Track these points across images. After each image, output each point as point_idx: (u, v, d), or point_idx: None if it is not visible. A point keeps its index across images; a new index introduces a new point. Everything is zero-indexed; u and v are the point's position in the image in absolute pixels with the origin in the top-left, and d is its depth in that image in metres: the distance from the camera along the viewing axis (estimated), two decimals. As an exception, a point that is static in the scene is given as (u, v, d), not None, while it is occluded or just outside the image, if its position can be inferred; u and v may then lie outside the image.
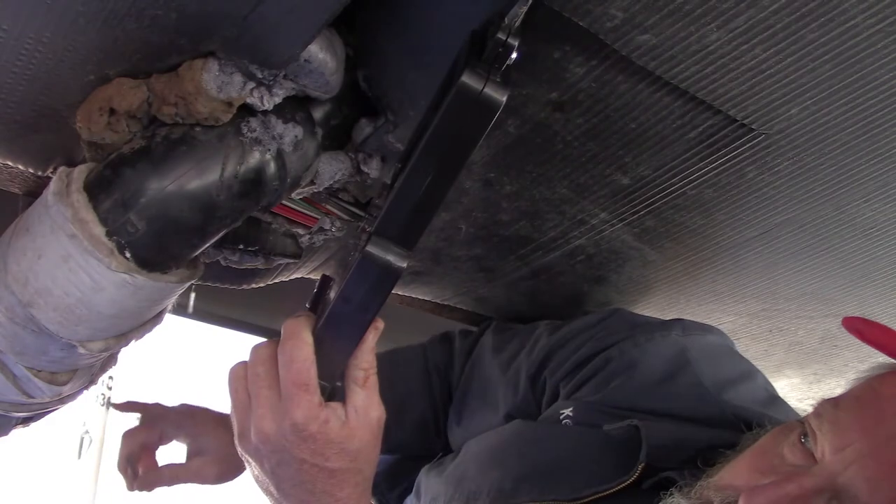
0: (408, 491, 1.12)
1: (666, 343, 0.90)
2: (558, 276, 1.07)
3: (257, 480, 0.70)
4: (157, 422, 1.05)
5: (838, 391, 0.67)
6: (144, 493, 1.03)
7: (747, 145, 0.74)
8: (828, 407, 0.64)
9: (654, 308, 1.17)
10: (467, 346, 1.14)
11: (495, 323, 1.16)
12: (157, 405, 1.07)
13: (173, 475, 1.03)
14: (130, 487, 1.02)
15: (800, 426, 0.65)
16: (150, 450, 1.05)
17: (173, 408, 1.07)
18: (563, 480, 0.81)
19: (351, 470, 0.65)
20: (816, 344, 1.26)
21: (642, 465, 0.74)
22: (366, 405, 0.65)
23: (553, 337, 1.00)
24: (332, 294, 0.63)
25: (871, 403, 0.62)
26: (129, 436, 1.05)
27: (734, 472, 0.68)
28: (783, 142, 0.73)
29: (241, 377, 0.67)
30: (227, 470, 1.04)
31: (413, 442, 1.15)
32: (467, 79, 0.49)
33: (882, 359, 0.66)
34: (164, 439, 1.06)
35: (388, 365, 0.67)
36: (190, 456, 1.06)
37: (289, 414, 0.62)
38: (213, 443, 1.04)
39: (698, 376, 0.86)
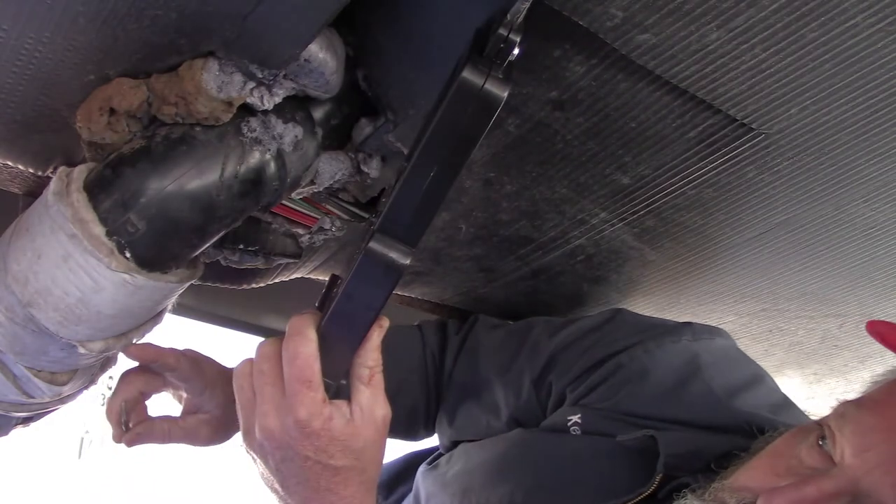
0: (404, 496, 1.12)
1: (677, 349, 0.89)
2: (558, 276, 1.07)
3: (262, 477, 0.70)
4: (163, 369, 0.91)
5: (838, 391, 0.67)
6: (130, 447, 0.91)
7: (747, 145, 0.74)
8: (850, 408, 0.63)
9: (654, 308, 1.17)
10: (458, 342, 1.12)
11: (482, 318, 1.13)
12: (172, 353, 0.91)
13: (165, 432, 0.92)
14: (118, 439, 0.91)
15: (818, 429, 0.64)
16: (145, 398, 0.93)
17: (182, 355, 0.92)
18: (577, 493, 0.81)
19: (355, 468, 0.65)
20: (816, 344, 1.26)
21: (660, 475, 0.74)
22: (371, 403, 0.65)
23: (555, 339, 0.98)
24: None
25: (894, 405, 0.60)
26: (128, 380, 0.90)
27: (749, 474, 0.67)
28: (783, 142, 0.73)
29: (246, 374, 0.67)
30: (221, 433, 0.95)
31: (400, 428, 1.12)
32: (468, 74, 0.49)
33: None
34: (163, 389, 0.95)
35: (383, 345, 0.66)
36: (186, 412, 0.96)
37: (292, 411, 0.62)
38: (214, 401, 0.94)
39: (709, 383, 0.85)
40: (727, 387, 0.85)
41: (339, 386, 0.65)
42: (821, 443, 0.63)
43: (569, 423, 0.88)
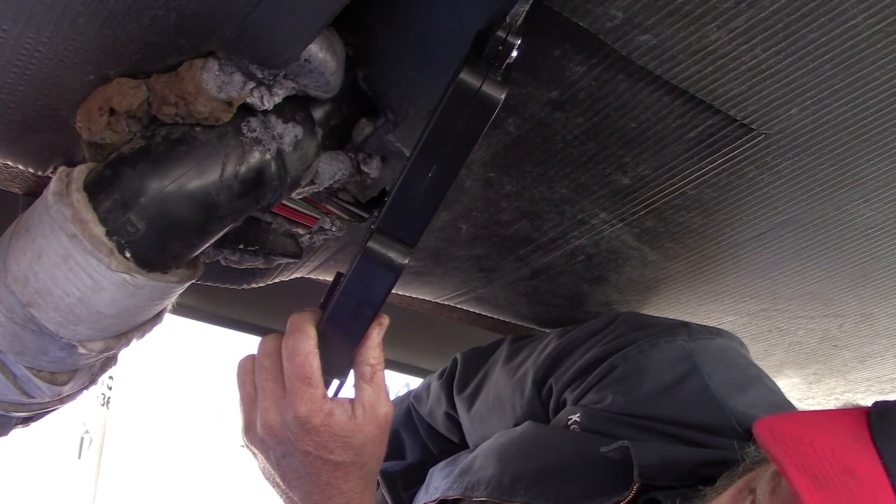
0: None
1: (672, 349, 0.90)
2: (558, 276, 1.07)
3: (263, 471, 0.71)
4: None
5: (838, 391, 0.67)
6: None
7: (747, 145, 0.74)
8: (783, 485, 0.59)
9: (654, 308, 1.17)
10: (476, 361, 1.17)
11: (511, 337, 1.18)
12: None
13: None
14: None
15: (751, 495, 0.62)
16: None
17: None
18: (561, 487, 0.81)
19: (355, 464, 0.66)
20: (816, 344, 1.26)
21: (637, 485, 0.74)
22: (373, 401, 0.65)
23: (560, 342, 1.00)
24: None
25: None
26: None
27: None
28: (783, 142, 0.73)
29: (248, 370, 0.68)
30: None
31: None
32: (465, 76, 0.49)
33: None
34: None
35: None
36: None
37: (293, 407, 0.63)
38: None
39: (706, 381, 0.85)
40: (723, 386, 0.85)
41: (341, 383, 0.66)
42: None
43: (569, 422, 0.88)
